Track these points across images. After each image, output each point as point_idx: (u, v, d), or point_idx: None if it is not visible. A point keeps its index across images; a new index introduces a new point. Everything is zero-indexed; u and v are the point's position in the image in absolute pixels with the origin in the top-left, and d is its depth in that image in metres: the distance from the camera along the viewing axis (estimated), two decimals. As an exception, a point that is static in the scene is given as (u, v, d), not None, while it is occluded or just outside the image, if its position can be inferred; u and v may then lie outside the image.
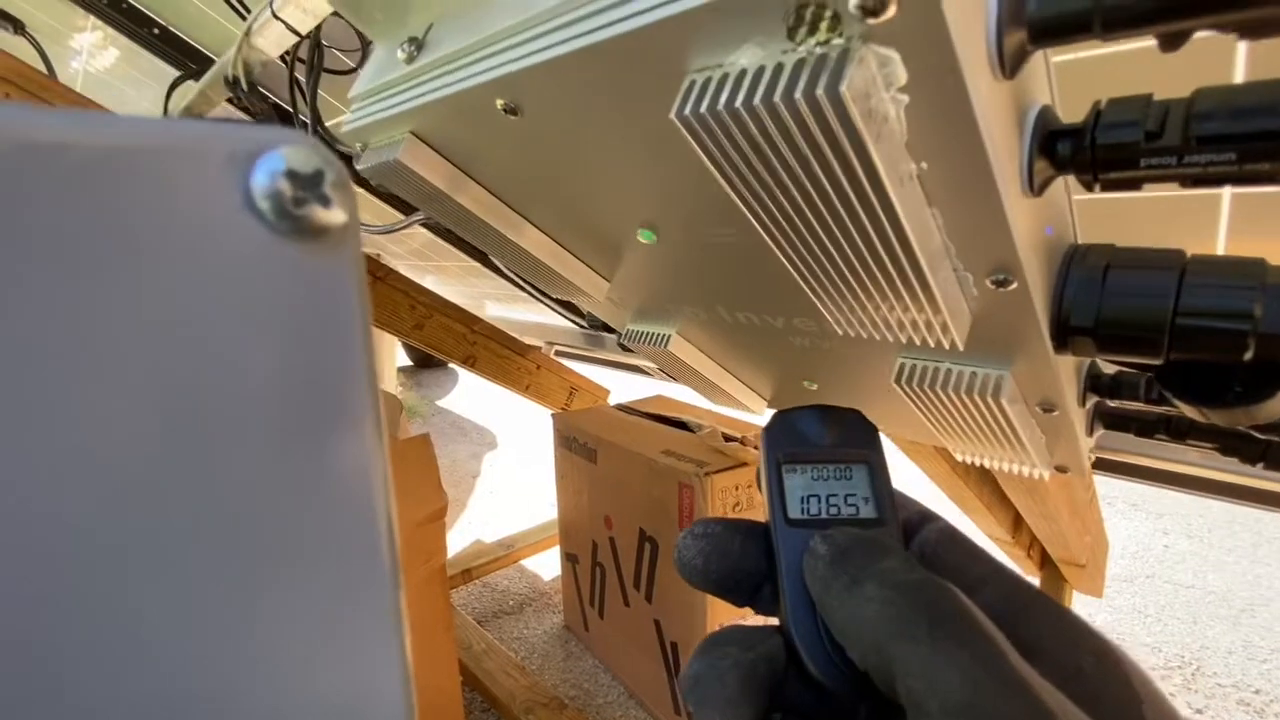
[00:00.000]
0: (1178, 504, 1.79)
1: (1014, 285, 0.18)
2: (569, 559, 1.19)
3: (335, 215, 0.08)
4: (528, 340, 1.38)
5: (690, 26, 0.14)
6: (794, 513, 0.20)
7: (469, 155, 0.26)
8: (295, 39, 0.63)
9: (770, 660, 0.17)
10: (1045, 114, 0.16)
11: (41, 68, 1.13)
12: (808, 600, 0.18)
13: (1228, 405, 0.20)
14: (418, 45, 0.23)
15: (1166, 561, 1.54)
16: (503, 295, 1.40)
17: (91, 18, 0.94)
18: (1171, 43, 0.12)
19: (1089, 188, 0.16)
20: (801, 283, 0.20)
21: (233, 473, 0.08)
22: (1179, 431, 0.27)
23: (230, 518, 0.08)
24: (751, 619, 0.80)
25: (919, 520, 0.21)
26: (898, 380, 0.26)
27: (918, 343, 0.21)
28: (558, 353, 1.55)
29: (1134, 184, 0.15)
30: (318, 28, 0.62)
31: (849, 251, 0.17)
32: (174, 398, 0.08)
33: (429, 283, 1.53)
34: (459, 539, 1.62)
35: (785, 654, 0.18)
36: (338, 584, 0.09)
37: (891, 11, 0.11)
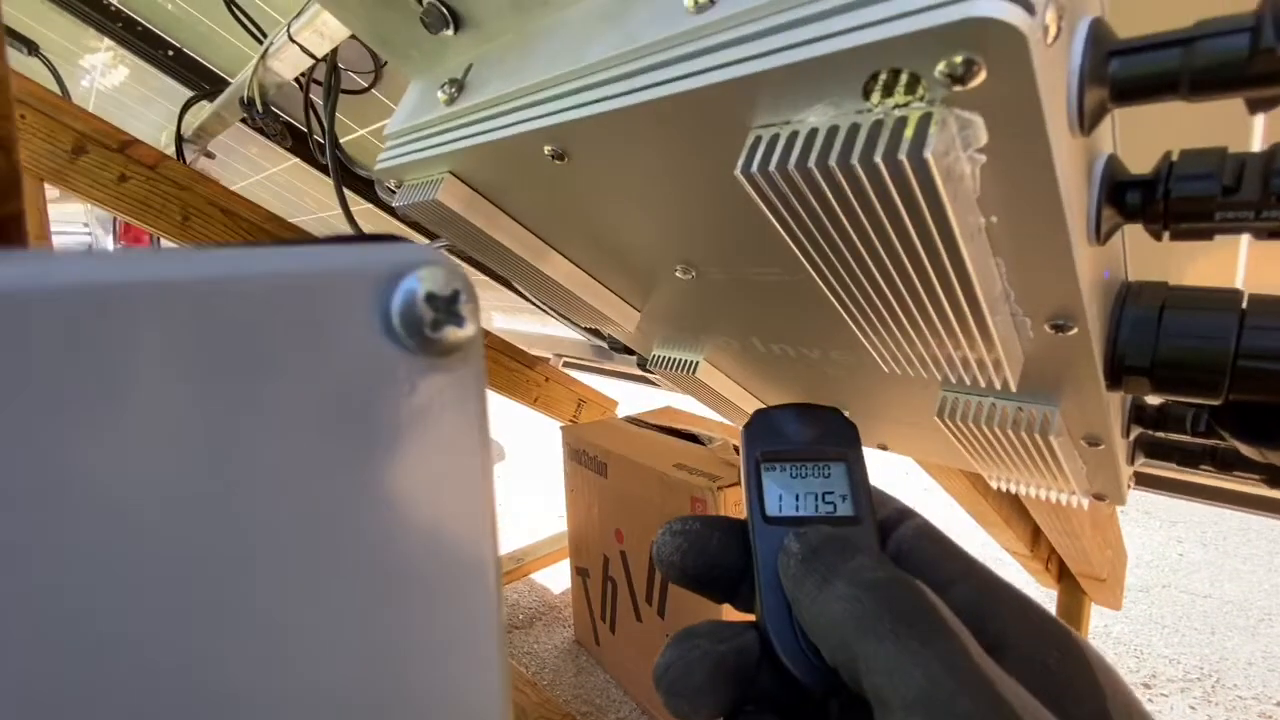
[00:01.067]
0: (1191, 512, 1.77)
1: (1074, 331, 0.18)
2: (579, 573, 1.18)
3: (468, 331, 0.08)
4: (535, 352, 1.38)
5: (762, 85, 0.13)
6: (771, 510, 0.20)
7: (505, 193, 0.26)
8: (311, 61, 0.64)
9: (740, 653, 0.18)
10: (1112, 163, 0.15)
11: (55, 88, 1.14)
12: (782, 597, 0.18)
13: (1289, 446, 0.20)
14: (458, 86, 0.23)
15: (1181, 570, 1.52)
16: (509, 307, 1.40)
17: (105, 39, 0.95)
18: (1261, 106, 0.11)
19: (1158, 237, 0.15)
20: (853, 325, 0.20)
21: (380, 552, 0.09)
22: (1225, 463, 0.27)
23: (381, 580, 0.09)
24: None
25: (897, 518, 0.21)
26: (940, 415, 0.25)
27: (968, 382, 0.21)
28: (565, 364, 1.55)
29: (1206, 235, 0.15)
30: (334, 51, 0.62)
31: (910, 300, 0.17)
32: (315, 501, 0.08)
33: (437, 296, 1.52)
34: (468, 552, 1.61)
35: (760, 648, 0.18)
36: (462, 618, 0.10)
37: (980, 79, 0.11)
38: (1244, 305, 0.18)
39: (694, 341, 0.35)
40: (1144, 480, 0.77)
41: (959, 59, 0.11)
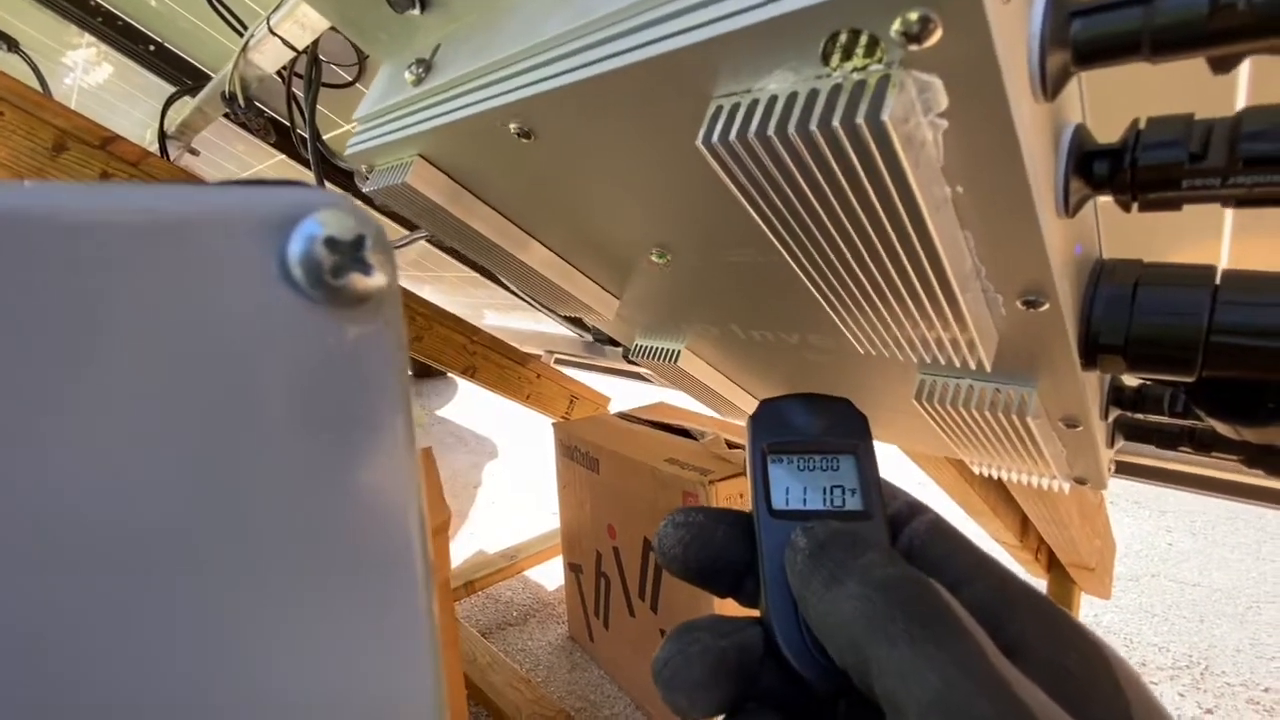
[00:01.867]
0: (1180, 501, 1.78)
1: (1045, 306, 0.18)
2: (573, 569, 1.18)
3: (376, 280, 0.08)
4: (527, 349, 1.38)
5: (720, 52, 0.13)
6: (778, 503, 0.19)
7: (477, 176, 0.25)
8: (292, 54, 0.63)
9: (742, 649, 0.17)
10: (1080, 133, 0.15)
11: (36, 85, 1.12)
12: (788, 593, 0.17)
13: (1262, 423, 0.19)
14: (426, 67, 0.22)
15: (1170, 559, 1.53)
16: (501, 304, 1.39)
17: (87, 35, 0.94)
18: (1223, 65, 0.11)
19: (1126, 208, 0.15)
20: (825, 305, 0.19)
21: (285, 529, 0.08)
22: (1203, 444, 0.27)
23: (288, 552, 0.09)
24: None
25: (908, 512, 0.20)
26: (918, 398, 0.25)
27: (943, 362, 0.21)
28: (558, 361, 1.55)
29: (1175, 204, 0.14)
30: (315, 43, 0.61)
31: (878, 275, 0.16)
32: (210, 462, 0.08)
33: (427, 293, 1.52)
34: (461, 550, 1.61)
35: (764, 644, 0.17)
36: (380, 592, 0.10)
37: (936, 38, 0.11)
38: (1217, 281, 0.18)
39: (675, 330, 0.34)
40: (1132, 470, 0.77)
41: (914, 16, 0.11)
